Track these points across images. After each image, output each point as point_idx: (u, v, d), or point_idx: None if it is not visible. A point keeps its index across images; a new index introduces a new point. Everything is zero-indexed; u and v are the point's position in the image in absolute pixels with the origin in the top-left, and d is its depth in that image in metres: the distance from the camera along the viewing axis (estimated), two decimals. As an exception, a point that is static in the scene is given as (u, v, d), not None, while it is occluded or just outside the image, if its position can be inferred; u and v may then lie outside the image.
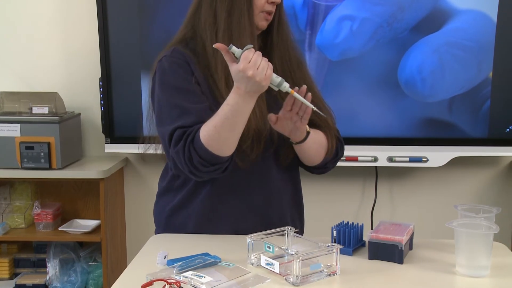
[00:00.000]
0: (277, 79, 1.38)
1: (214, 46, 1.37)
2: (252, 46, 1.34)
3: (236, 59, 1.35)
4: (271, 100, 1.53)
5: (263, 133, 1.49)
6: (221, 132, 1.38)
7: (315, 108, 1.42)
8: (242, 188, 1.55)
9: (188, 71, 1.50)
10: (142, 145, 1.69)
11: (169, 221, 1.60)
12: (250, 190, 1.55)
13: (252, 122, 1.46)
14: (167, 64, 1.51)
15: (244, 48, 1.34)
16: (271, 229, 1.39)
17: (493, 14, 2.54)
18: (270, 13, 1.52)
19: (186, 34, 1.55)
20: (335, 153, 1.62)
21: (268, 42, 1.57)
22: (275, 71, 1.42)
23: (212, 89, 1.49)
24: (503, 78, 2.59)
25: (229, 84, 1.45)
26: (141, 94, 2.67)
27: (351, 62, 2.60)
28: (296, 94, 1.40)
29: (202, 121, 1.43)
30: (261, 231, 1.37)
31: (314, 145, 1.56)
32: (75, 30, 2.80)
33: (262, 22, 1.52)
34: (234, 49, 1.35)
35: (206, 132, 1.40)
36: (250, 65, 1.32)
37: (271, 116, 1.48)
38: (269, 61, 1.36)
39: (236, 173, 1.51)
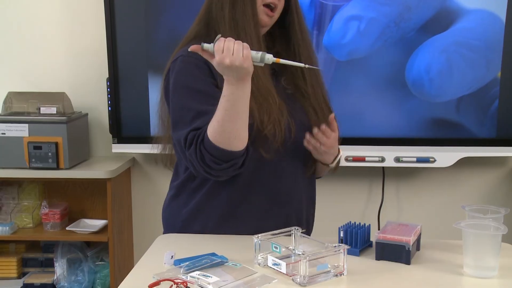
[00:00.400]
0: (257, 54, 1.37)
1: (189, 49, 1.38)
2: (220, 35, 1.35)
3: (213, 54, 1.35)
4: (282, 95, 1.54)
5: (281, 120, 1.49)
6: (224, 125, 1.38)
7: (307, 66, 1.42)
8: (263, 187, 1.54)
9: (205, 71, 1.49)
10: (156, 145, 1.68)
11: (187, 224, 1.57)
12: (271, 189, 1.55)
13: (273, 108, 1.46)
14: (183, 65, 1.50)
15: (214, 40, 1.34)
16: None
17: (502, 14, 2.53)
18: (271, 8, 1.52)
19: (200, 31, 1.55)
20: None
21: (292, 43, 1.58)
22: (302, 71, 1.47)
23: None
24: None
25: None
26: (148, 94, 2.67)
27: (359, 62, 2.60)
28: (282, 60, 1.39)
29: None
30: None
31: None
32: (82, 31, 2.81)
33: (263, 17, 1.52)
34: (206, 45, 1.35)
35: (212, 129, 1.39)
36: (224, 54, 1.32)
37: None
38: (296, 61, 1.35)
39: (257, 172, 1.50)
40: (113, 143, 2.74)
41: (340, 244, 1.28)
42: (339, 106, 2.63)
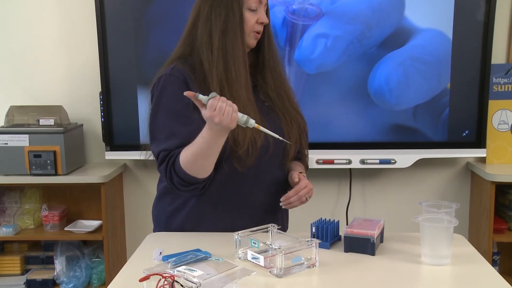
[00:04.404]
0: (243, 118, 1.36)
1: (184, 94, 1.34)
2: (216, 94, 1.32)
3: (204, 105, 1.33)
4: (263, 108, 1.53)
5: (258, 141, 1.47)
6: (197, 159, 1.40)
7: (281, 138, 1.42)
8: (238, 190, 1.53)
9: (184, 90, 1.44)
10: (144, 152, 1.65)
11: (169, 221, 1.58)
12: (247, 192, 1.54)
13: (248, 131, 1.44)
14: (165, 83, 1.48)
15: (210, 96, 1.32)
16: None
17: (449, 33, 2.56)
18: (259, 32, 1.52)
19: (184, 51, 1.53)
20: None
21: (260, 59, 1.57)
22: (267, 87, 1.48)
23: None
24: (460, 88, 2.61)
25: (223, 91, 1.44)
26: (138, 106, 2.65)
27: (326, 75, 2.61)
28: (261, 128, 1.39)
29: (187, 143, 1.43)
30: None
31: None
32: (77, 50, 2.78)
33: (252, 41, 1.52)
34: (200, 97, 1.33)
35: (185, 158, 1.41)
36: (215, 113, 1.31)
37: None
38: (261, 76, 1.35)
39: (233, 176, 1.49)
40: (106, 151, 2.71)
41: (312, 239, 1.28)
42: (310, 114, 2.65)
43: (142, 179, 2.90)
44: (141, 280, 1.14)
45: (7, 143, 2.53)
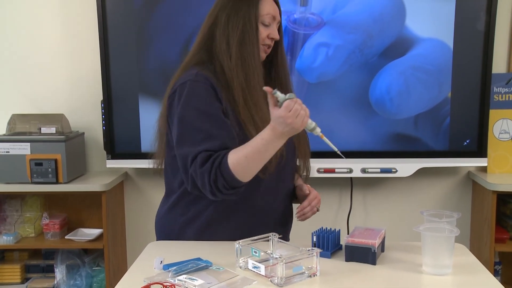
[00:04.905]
0: (311, 124, 1.38)
1: (263, 88, 1.35)
2: (294, 95, 1.34)
3: (278, 103, 1.34)
4: None
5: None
6: (250, 162, 1.37)
7: (339, 152, 1.46)
8: (257, 200, 1.52)
9: (213, 95, 1.45)
10: (151, 160, 1.62)
11: (182, 232, 1.54)
12: (264, 202, 1.54)
13: None
14: (194, 88, 1.45)
15: (287, 96, 1.33)
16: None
17: (450, 42, 2.57)
18: (269, 47, 1.54)
19: (202, 58, 1.52)
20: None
21: (272, 75, 1.59)
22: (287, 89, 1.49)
23: (232, 105, 1.47)
24: (460, 98, 2.62)
25: (246, 98, 1.44)
26: (139, 114, 2.66)
27: (327, 84, 2.61)
28: (325, 138, 1.41)
29: (226, 147, 1.41)
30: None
31: None
32: (79, 59, 2.79)
33: (262, 54, 1.53)
34: (278, 94, 1.34)
35: (236, 160, 1.37)
36: (290, 114, 1.32)
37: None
38: (273, 88, 1.36)
39: (252, 185, 1.47)
40: (107, 159, 2.71)
41: (313, 248, 1.28)
42: (311, 124, 2.65)
43: (143, 188, 2.90)
44: (142, 289, 1.14)
45: (8, 151, 2.53)
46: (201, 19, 1.57)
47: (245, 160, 1.37)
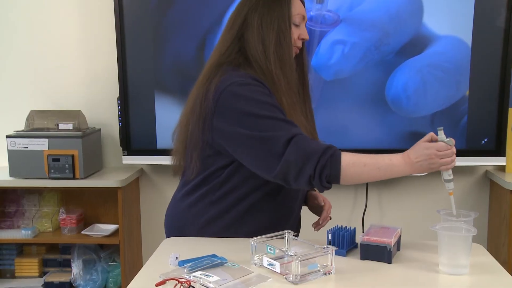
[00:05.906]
0: (450, 176, 1.40)
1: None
2: (453, 142, 1.36)
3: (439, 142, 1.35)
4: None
5: None
6: (365, 172, 1.35)
7: (455, 213, 1.41)
8: (281, 202, 1.53)
9: (269, 92, 1.42)
10: (169, 157, 1.60)
11: (204, 229, 1.51)
12: (287, 205, 1.55)
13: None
14: (251, 85, 1.40)
15: (447, 140, 1.36)
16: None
17: (468, 40, 2.54)
18: (299, 48, 1.53)
19: (236, 59, 1.46)
20: None
21: (298, 71, 1.56)
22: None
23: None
24: (478, 96, 2.59)
25: (288, 101, 1.43)
26: (155, 111, 2.67)
27: (343, 82, 2.60)
28: (451, 197, 1.41)
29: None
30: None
31: None
32: (97, 56, 2.81)
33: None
34: (441, 133, 1.37)
35: (352, 162, 1.34)
36: (439, 153, 1.33)
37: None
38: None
39: (279, 187, 1.47)
40: (123, 155, 2.73)
41: (329, 246, 1.27)
42: (327, 121, 2.65)
43: (159, 184, 2.92)
44: (157, 284, 1.15)
45: (27, 147, 2.57)
46: (216, 16, 1.57)
47: (362, 167, 1.34)
